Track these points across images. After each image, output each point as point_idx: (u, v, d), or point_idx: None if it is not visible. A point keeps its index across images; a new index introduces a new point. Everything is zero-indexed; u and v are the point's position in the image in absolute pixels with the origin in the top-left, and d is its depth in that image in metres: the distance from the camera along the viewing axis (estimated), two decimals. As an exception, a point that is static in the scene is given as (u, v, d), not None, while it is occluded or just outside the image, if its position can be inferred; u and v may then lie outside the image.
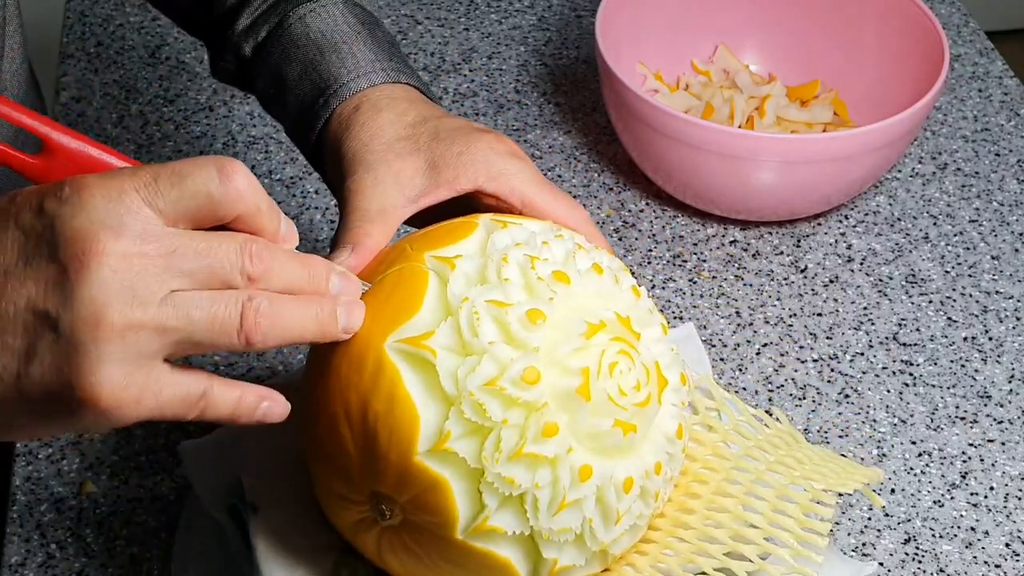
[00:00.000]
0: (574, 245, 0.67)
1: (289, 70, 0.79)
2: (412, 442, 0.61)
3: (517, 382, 0.61)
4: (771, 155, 1.00)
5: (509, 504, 0.61)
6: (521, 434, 0.61)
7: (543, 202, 0.72)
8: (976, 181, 1.13)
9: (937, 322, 1.01)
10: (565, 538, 0.62)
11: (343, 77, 0.77)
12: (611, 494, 0.63)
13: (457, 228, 0.67)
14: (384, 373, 0.62)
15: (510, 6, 1.31)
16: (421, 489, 0.61)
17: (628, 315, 0.65)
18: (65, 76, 1.20)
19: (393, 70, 0.78)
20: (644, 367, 0.65)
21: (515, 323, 0.62)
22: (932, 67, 1.05)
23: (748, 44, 1.19)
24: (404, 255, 0.66)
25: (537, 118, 1.17)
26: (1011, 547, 0.86)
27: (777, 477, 0.71)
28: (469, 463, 0.61)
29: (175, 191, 0.55)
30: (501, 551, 0.62)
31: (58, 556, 0.83)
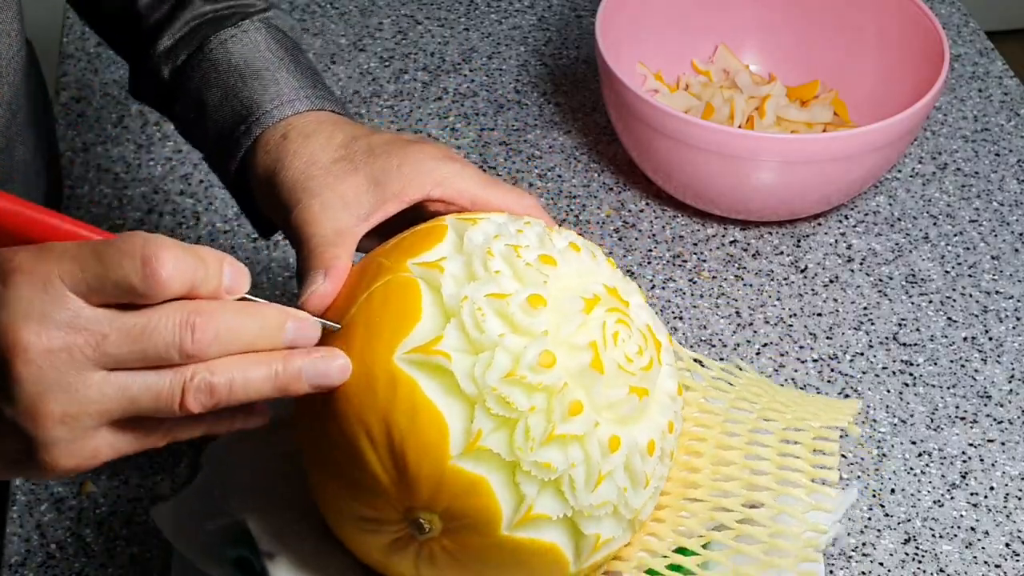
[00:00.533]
0: (543, 228, 0.68)
1: (209, 96, 0.78)
2: (444, 448, 0.61)
3: (535, 368, 0.61)
4: (771, 155, 1.00)
5: (548, 489, 0.62)
6: (548, 418, 0.61)
7: (492, 197, 0.72)
8: (976, 181, 1.13)
9: (937, 322, 1.01)
10: (604, 511, 0.63)
11: (266, 104, 0.76)
12: (637, 459, 0.64)
13: (428, 233, 0.67)
14: (400, 387, 0.61)
15: (510, 6, 1.31)
16: (460, 493, 0.61)
17: (615, 286, 0.66)
18: (65, 76, 1.20)
19: (317, 97, 0.77)
20: (640, 332, 0.66)
21: (518, 312, 0.62)
22: (932, 67, 1.05)
23: (748, 44, 1.19)
24: (382, 269, 0.65)
25: (537, 118, 1.17)
26: (1011, 547, 0.86)
27: (773, 423, 0.72)
28: (504, 457, 0.61)
29: (97, 281, 0.55)
30: (546, 537, 0.63)
31: (58, 556, 0.83)
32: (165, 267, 0.55)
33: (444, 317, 0.62)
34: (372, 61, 1.23)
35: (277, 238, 1.04)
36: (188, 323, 0.55)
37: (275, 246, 1.04)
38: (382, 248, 0.68)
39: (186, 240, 1.03)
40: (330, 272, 0.67)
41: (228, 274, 0.58)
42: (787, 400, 0.76)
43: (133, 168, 1.11)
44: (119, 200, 1.08)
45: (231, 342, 0.57)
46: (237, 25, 0.79)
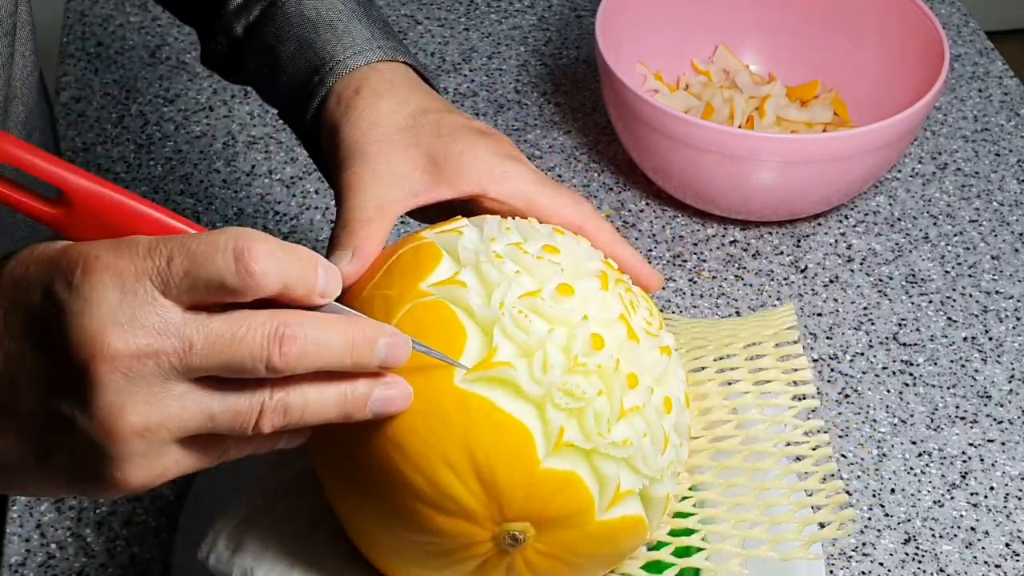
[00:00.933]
0: (516, 221, 0.68)
1: (283, 49, 0.78)
2: (533, 455, 0.60)
3: (588, 353, 0.61)
4: (771, 155, 1.00)
5: (624, 465, 0.62)
6: (611, 397, 0.62)
7: (548, 200, 0.71)
8: (976, 181, 1.13)
9: (937, 322, 1.01)
10: (669, 472, 0.65)
11: (339, 55, 0.75)
12: (684, 415, 0.66)
13: (420, 253, 0.65)
14: (473, 408, 0.60)
15: (510, 6, 1.31)
16: (553, 492, 0.61)
17: (605, 258, 0.68)
18: (65, 76, 1.20)
19: (390, 48, 0.76)
20: (643, 298, 0.68)
21: (552, 306, 0.62)
22: (932, 67, 1.05)
23: (748, 44, 1.19)
24: (392, 300, 0.63)
25: (537, 118, 1.17)
26: (1011, 547, 0.86)
27: (732, 347, 0.75)
28: (583, 446, 0.61)
29: (188, 279, 0.52)
30: (631, 511, 0.64)
31: (58, 556, 0.83)
32: (259, 262, 0.52)
33: (484, 332, 0.61)
34: (372, 61, 1.23)
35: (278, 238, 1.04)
36: (277, 335, 0.52)
37: (275, 246, 1.04)
38: (374, 281, 0.66)
39: (186, 240, 1.04)
40: (357, 253, 0.66)
41: (322, 275, 0.55)
42: (731, 327, 0.78)
43: (133, 168, 1.11)
44: (119, 200, 1.08)
45: (318, 359, 0.54)
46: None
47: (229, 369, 0.53)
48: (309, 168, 1.11)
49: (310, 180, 1.10)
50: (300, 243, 1.04)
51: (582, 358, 0.61)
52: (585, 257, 0.67)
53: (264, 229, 1.05)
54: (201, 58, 0.85)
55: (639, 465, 0.63)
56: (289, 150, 1.13)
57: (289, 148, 1.13)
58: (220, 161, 1.12)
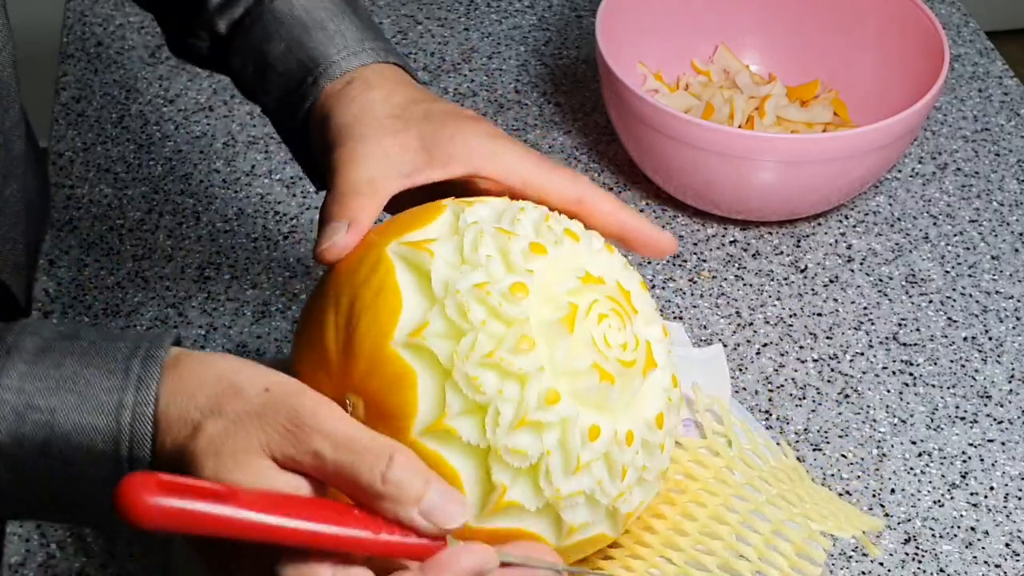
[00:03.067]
0: (542, 215, 0.67)
1: (271, 48, 0.77)
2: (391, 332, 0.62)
3: (505, 295, 0.62)
4: (771, 155, 1.00)
5: (472, 412, 0.61)
6: (498, 342, 0.61)
7: (544, 176, 0.71)
8: (976, 181, 1.13)
9: (937, 322, 1.01)
10: (519, 463, 0.62)
11: (332, 55, 0.75)
12: (575, 436, 0.62)
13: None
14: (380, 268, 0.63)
15: (510, 6, 1.31)
16: (389, 381, 0.61)
17: (629, 289, 0.66)
18: (65, 76, 1.20)
19: (381, 50, 0.77)
20: (635, 337, 0.65)
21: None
22: (932, 67, 1.05)
23: (748, 44, 1.19)
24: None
25: (537, 118, 1.17)
26: (1011, 547, 0.86)
27: (775, 511, 0.70)
28: (442, 362, 0.61)
29: None
30: (452, 459, 0.61)
31: (58, 556, 0.83)
32: None
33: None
34: (372, 61, 1.23)
35: (277, 239, 1.04)
36: None
37: (275, 246, 1.04)
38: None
39: (186, 240, 1.04)
40: (353, 225, 0.67)
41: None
42: (806, 495, 0.73)
43: (133, 168, 1.11)
44: (119, 200, 1.08)
45: None
46: None
47: None
48: (309, 168, 1.11)
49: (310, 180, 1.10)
50: (300, 243, 1.04)
51: (496, 295, 0.61)
52: (572, 265, 0.65)
53: (263, 229, 1.05)
54: (171, 49, 0.84)
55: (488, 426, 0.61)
56: (289, 150, 1.13)
57: (289, 148, 1.13)
58: (220, 161, 1.12)
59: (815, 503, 0.72)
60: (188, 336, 0.96)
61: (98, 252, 1.03)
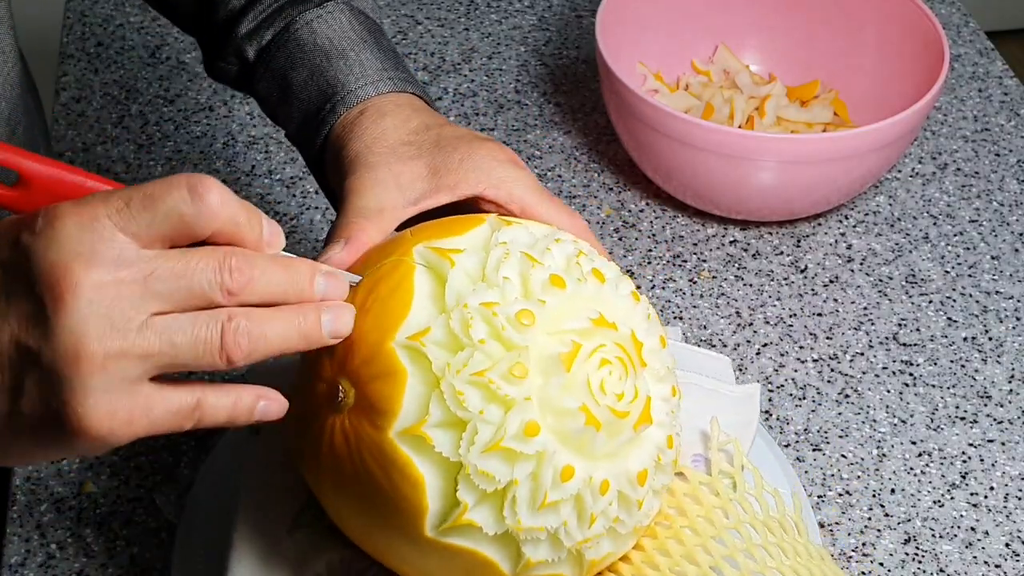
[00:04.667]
0: (575, 251, 0.66)
1: (295, 75, 0.79)
2: (393, 332, 0.62)
3: (512, 320, 0.62)
4: (771, 155, 1.00)
5: (451, 425, 0.61)
6: (492, 364, 0.61)
7: (543, 210, 0.72)
8: (976, 181, 1.13)
9: (937, 322, 1.01)
10: (485, 486, 0.61)
11: (351, 84, 0.77)
12: (548, 473, 0.62)
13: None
14: (401, 267, 0.65)
15: (510, 6, 1.31)
16: (381, 374, 0.62)
17: (643, 341, 0.65)
18: (65, 76, 1.20)
19: (400, 79, 0.78)
20: (636, 390, 0.64)
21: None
22: (932, 67, 1.05)
23: (748, 44, 1.19)
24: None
25: (537, 118, 1.17)
26: (1011, 547, 0.86)
27: (748, 562, 0.69)
28: (433, 368, 0.61)
29: (147, 214, 0.55)
30: (422, 466, 0.61)
31: (58, 556, 0.83)
32: (212, 194, 0.56)
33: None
34: (372, 61, 1.23)
35: (277, 238, 1.04)
36: (227, 264, 0.56)
37: (275, 246, 1.04)
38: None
39: (186, 240, 1.04)
40: (351, 242, 0.68)
41: (266, 226, 0.59)
42: (791, 550, 0.71)
43: (133, 168, 1.11)
44: (119, 200, 1.08)
45: (267, 287, 0.58)
46: (322, 6, 0.80)
47: (189, 295, 0.56)
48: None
49: (310, 180, 1.10)
50: (300, 243, 1.04)
51: (502, 319, 0.61)
52: (596, 304, 0.64)
53: (264, 229, 1.05)
54: (207, 70, 0.86)
55: (463, 444, 0.61)
56: (289, 150, 1.13)
57: (289, 148, 1.13)
58: (220, 161, 1.12)
59: (799, 559, 0.71)
60: (188, 336, 0.96)
61: (98, 252, 1.03)
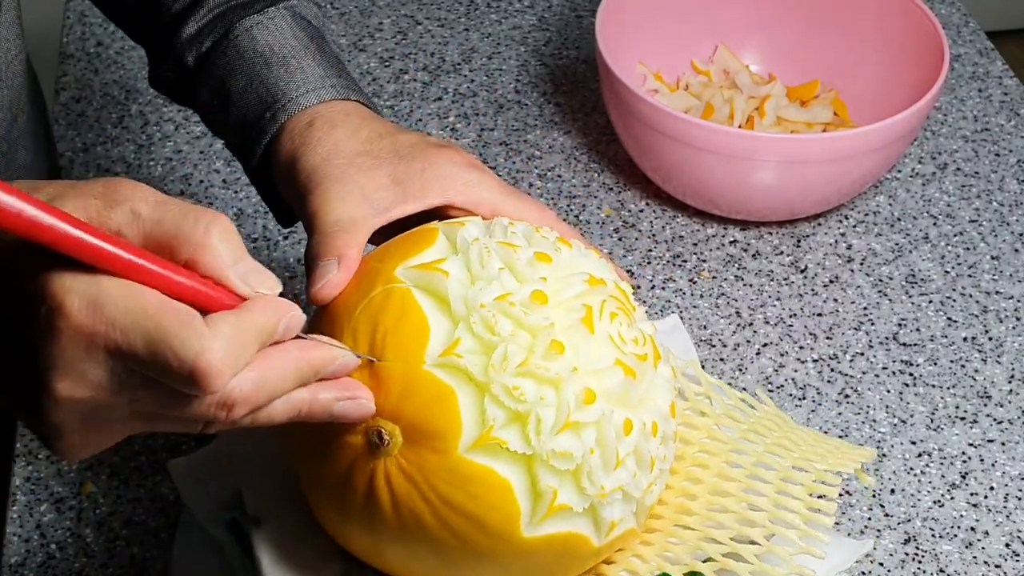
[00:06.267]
0: (529, 227, 0.69)
1: (234, 83, 0.77)
2: (421, 352, 0.62)
3: (526, 303, 0.63)
4: (771, 155, 1.00)
5: (515, 422, 0.61)
6: (530, 351, 0.62)
7: (512, 208, 0.72)
8: (976, 181, 1.13)
9: (937, 322, 1.01)
10: (565, 466, 0.62)
11: (292, 92, 0.76)
12: (611, 433, 0.63)
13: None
14: (395, 294, 0.64)
15: (510, 6, 1.31)
16: (427, 402, 0.61)
17: (586, 272, 0.67)
18: (65, 76, 1.20)
19: (342, 87, 0.77)
20: (641, 332, 0.66)
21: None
22: (932, 67, 1.05)
23: (748, 44, 1.19)
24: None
25: (537, 118, 1.17)
26: (1011, 547, 0.86)
27: (778, 459, 0.72)
28: (477, 377, 0.61)
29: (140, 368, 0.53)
30: (502, 470, 0.62)
31: (58, 556, 0.83)
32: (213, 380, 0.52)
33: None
34: (372, 61, 1.23)
35: (277, 239, 1.04)
36: (227, 407, 0.54)
37: (275, 246, 1.04)
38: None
39: (186, 240, 1.04)
40: (343, 261, 0.67)
41: (283, 325, 0.56)
42: (799, 438, 0.75)
43: (133, 168, 1.11)
44: (119, 200, 1.08)
45: (268, 396, 0.56)
46: (263, 12, 0.79)
47: (173, 423, 0.56)
48: (309, 168, 1.11)
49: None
50: (300, 243, 1.04)
51: (517, 304, 0.62)
52: (578, 267, 0.67)
53: (264, 229, 1.05)
54: (151, 82, 0.85)
55: (531, 433, 0.61)
56: (289, 150, 1.13)
57: (289, 148, 1.13)
58: (220, 161, 1.12)
59: (810, 444, 0.74)
60: (188, 336, 0.96)
61: (98, 252, 1.03)
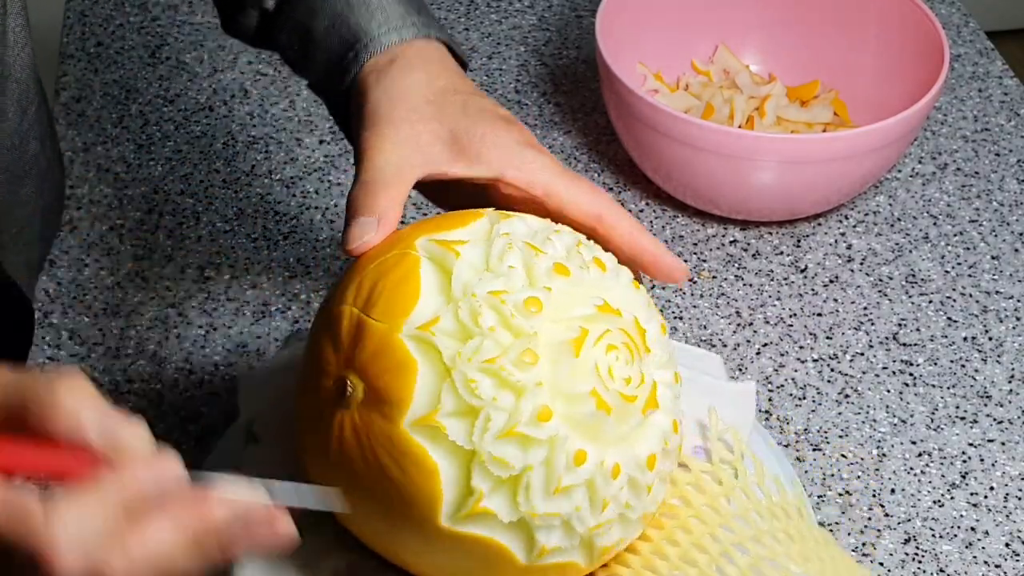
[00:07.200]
0: (573, 241, 0.67)
1: (315, 24, 0.78)
2: (403, 319, 0.63)
3: (520, 308, 0.62)
4: (771, 155, 1.00)
5: (464, 414, 0.61)
6: (503, 351, 0.61)
7: (565, 190, 0.71)
8: (976, 181, 1.13)
9: (937, 322, 1.01)
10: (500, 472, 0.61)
11: (373, 31, 0.76)
12: (561, 458, 0.62)
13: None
14: (408, 260, 0.65)
15: (510, 6, 1.31)
16: (391, 368, 0.62)
17: (646, 328, 0.66)
18: (65, 76, 1.20)
19: (423, 25, 0.77)
20: (642, 375, 0.65)
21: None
22: (932, 67, 1.05)
23: (748, 44, 1.19)
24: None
25: (537, 118, 1.17)
26: (1011, 547, 0.86)
27: (758, 548, 0.69)
28: (444, 358, 0.61)
29: None
30: (436, 455, 0.62)
31: (58, 556, 0.83)
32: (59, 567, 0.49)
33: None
34: (372, 61, 1.23)
35: (277, 239, 1.04)
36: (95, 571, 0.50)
37: (275, 246, 1.04)
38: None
39: (186, 240, 1.04)
40: (383, 222, 0.68)
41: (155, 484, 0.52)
42: (798, 535, 0.71)
43: (133, 168, 1.11)
44: (119, 200, 1.08)
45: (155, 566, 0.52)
46: None
47: None
48: (309, 168, 1.11)
49: (310, 180, 1.10)
50: (300, 243, 1.04)
51: (511, 307, 0.62)
52: (599, 291, 0.65)
53: (264, 229, 1.05)
54: (223, 26, 0.85)
55: (477, 430, 0.61)
56: (289, 150, 1.13)
57: (289, 148, 1.13)
58: (220, 161, 1.12)
59: (806, 544, 0.71)
60: (188, 336, 0.96)
61: (98, 252, 1.03)
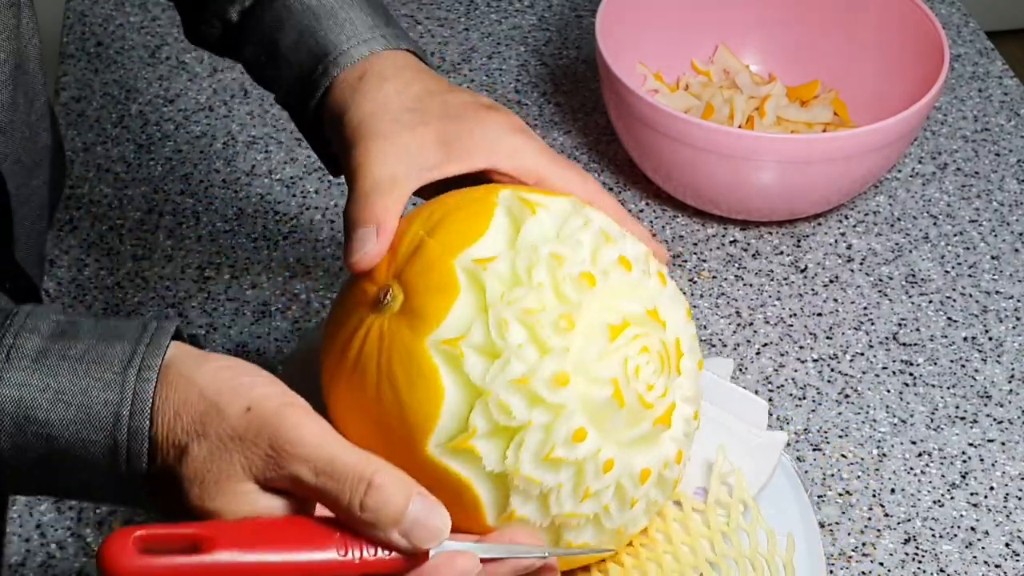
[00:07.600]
0: (600, 231, 0.67)
1: (282, 37, 0.77)
2: (460, 249, 0.64)
3: (574, 278, 0.63)
4: (771, 155, 1.00)
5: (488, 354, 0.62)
6: (543, 307, 0.63)
7: (556, 176, 0.72)
8: (976, 181, 1.13)
9: (937, 322, 1.01)
10: (505, 421, 0.62)
11: (343, 44, 0.75)
12: (562, 431, 0.63)
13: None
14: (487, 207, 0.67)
15: (510, 6, 1.31)
16: (432, 287, 0.63)
17: (684, 352, 0.67)
18: (65, 76, 1.20)
19: (393, 36, 0.76)
20: (665, 389, 0.65)
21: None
22: (932, 67, 1.05)
23: (748, 44, 1.19)
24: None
25: (537, 118, 1.17)
26: (1011, 547, 0.86)
27: None
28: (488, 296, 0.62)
29: None
30: (446, 380, 0.62)
31: (58, 556, 0.83)
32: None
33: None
34: (372, 61, 1.23)
35: (277, 239, 1.04)
36: None
37: (275, 246, 1.04)
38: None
39: (186, 240, 1.04)
40: (382, 230, 0.67)
41: None
42: None
43: (133, 168, 1.11)
44: (119, 200, 1.08)
45: None
46: None
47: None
48: (309, 168, 1.11)
49: (310, 180, 1.10)
50: (300, 243, 1.04)
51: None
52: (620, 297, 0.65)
53: (264, 229, 1.05)
54: (186, 34, 0.84)
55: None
56: (289, 150, 1.13)
57: (289, 148, 1.13)
58: (220, 161, 1.12)
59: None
60: (188, 336, 0.96)
61: (98, 252, 1.03)
